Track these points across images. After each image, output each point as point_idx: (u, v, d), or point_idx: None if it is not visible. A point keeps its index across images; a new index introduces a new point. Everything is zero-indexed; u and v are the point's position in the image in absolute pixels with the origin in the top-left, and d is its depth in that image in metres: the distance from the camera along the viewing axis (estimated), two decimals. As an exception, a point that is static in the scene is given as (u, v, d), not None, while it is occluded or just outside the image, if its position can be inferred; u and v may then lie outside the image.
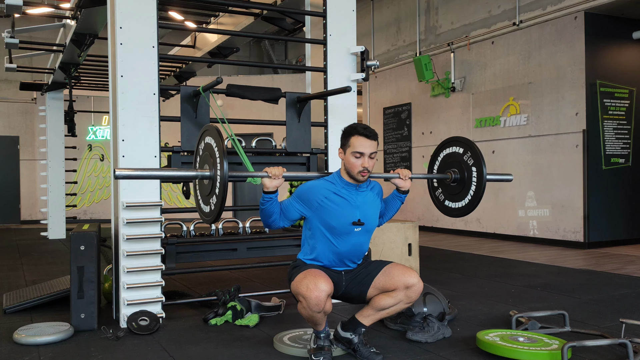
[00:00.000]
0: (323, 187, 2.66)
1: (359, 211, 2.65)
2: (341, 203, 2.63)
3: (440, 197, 3.23)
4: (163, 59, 3.96)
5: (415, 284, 2.58)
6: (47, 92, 8.70)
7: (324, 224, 2.63)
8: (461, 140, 3.14)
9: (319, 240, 2.66)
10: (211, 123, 2.52)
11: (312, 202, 2.64)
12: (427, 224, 9.36)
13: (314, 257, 2.69)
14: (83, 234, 3.30)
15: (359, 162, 2.58)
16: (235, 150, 3.26)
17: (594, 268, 5.41)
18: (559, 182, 7.12)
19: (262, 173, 2.51)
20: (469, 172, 3.03)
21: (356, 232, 2.65)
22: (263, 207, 2.58)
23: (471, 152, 3.03)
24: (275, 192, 2.57)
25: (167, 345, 2.98)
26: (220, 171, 2.34)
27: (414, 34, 9.58)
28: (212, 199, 2.45)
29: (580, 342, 2.58)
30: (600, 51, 6.95)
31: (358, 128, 2.60)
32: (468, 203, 3.05)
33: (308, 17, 4.39)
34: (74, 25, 5.76)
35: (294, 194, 2.71)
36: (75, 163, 10.42)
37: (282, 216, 2.65)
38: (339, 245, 2.65)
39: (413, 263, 5.06)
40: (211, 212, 2.47)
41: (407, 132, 9.78)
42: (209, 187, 2.48)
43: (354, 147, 2.58)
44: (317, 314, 2.49)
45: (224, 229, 4.62)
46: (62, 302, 3.79)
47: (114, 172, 2.37)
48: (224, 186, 2.33)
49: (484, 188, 2.97)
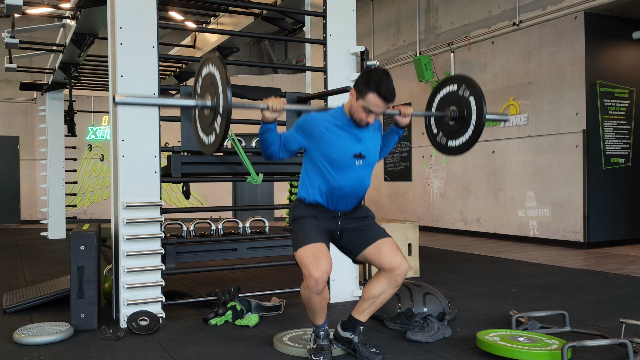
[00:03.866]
0: (325, 120, 2.61)
1: (360, 144, 2.61)
2: (343, 135, 2.58)
3: (441, 140, 3.24)
4: (163, 59, 3.96)
5: (399, 266, 2.57)
6: (47, 92, 8.70)
7: (324, 156, 2.58)
8: (460, 77, 3.14)
9: (319, 174, 2.60)
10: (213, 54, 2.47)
11: (313, 133, 2.58)
12: (427, 224, 9.36)
13: (313, 193, 2.62)
14: (83, 234, 3.30)
15: (366, 116, 2.53)
16: (235, 150, 3.26)
17: (594, 268, 5.41)
18: (559, 182, 7.12)
19: (262, 105, 2.46)
20: (468, 109, 3.04)
21: (357, 166, 2.60)
22: (262, 138, 2.54)
23: (470, 88, 3.03)
24: (274, 123, 2.53)
25: (167, 345, 2.99)
26: (223, 100, 2.29)
27: (414, 34, 9.58)
28: (213, 129, 2.39)
29: (580, 342, 2.58)
30: (600, 51, 6.95)
31: (380, 88, 2.44)
32: (467, 140, 3.07)
33: (308, 17, 4.39)
34: (74, 25, 5.77)
35: (295, 124, 2.65)
36: (75, 163, 10.43)
37: (282, 147, 2.61)
38: (340, 179, 2.58)
39: (413, 263, 5.07)
40: (213, 143, 2.43)
41: (407, 132, 9.78)
42: (210, 118, 2.43)
43: (368, 103, 2.49)
44: (315, 295, 2.49)
45: (224, 229, 4.63)
46: (62, 302, 3.79)
47: (114, 98, 2.33)
48: (227, 116, 2.28)
49: (483, 124, 2.99)
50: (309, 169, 2.66)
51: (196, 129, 2.61)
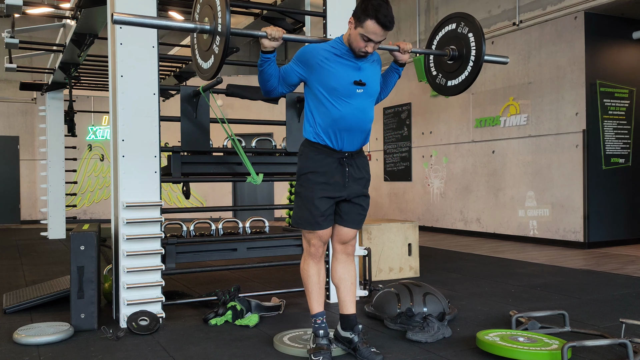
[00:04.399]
0: (323, 49, 2.59)
1: (360, 73, 2.59)
2: (342, 63, 2.57)
3: (441, 81, 3.24)
4: (163, 59, 3.96)
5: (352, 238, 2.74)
6: (47, 92, 8.71)
7: (324, 86, 2.56)
8: (459, 15, 3.12)
9: (321, 107, 2.58)
10: None
11: (311, 63, 2.57)
12: (427, 224, 9.36)
13: (317, 130, 2.61)
14: (83, 234, 3.30)
15: (364, 45, 2.51)
16: (235, 150, 3.26)
17: (594, 268, 5.41)
18: (559, 182, 7.12)
19: (261, 32, 2.44)
20: (467, 47, 3.03)
21: (358, 94, 2.58)
22: (261, 69, 2.53)
23: (469, 25, 3.03)
24: (274, 52, 2.52)
25: (167, 345, 2.99)
26: (222, 24, 2.27)
27: (414, 34, 9.58)
28: (212, 52, 2.38)
29: (580, 342, 2.58)
30: (600, 51, 6.95)
31: (379, 14, 2.41)
32: (467, 77, 3.07)
33: (308, 17, 4.39)
34: (74, 25, 5.76)
35: (294, 57, 2.63)
36: (75, 163, 10.43)
37: (282, 81, 2.61)
38: (342, 109, 2.55)
39: (413, 263, 5.07)
40: (211, 66, 2.42)
41: (407, 132, 9.78)
42: (208, 41, 2.41)
43: (366, 30, 2.45)
44: (314, 265, 2.65)
45: (224, 229, 4.63)
46: (62, 302, 3.79)
47: (112, 16, 2.32)
48: (225, 40, 2.26)
49: (482, 60, 2.99)
50: (311, 104, 2.65)
51: (194, 56, 2.59)
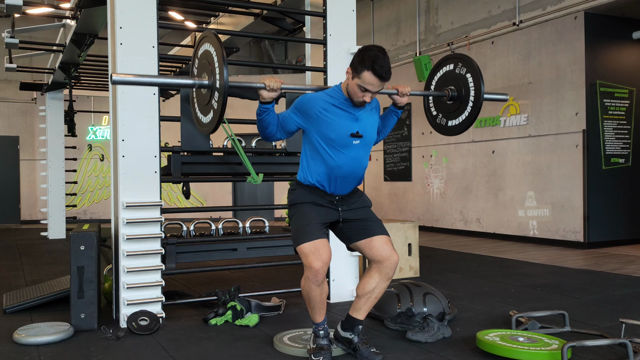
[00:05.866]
0: (321, 99, 2.60)
1: (358, 124, 2.61)
2: (340, 115, 2.58)
3: (441, 122, 3.26)
4: (163, 59, 3.96)
5: (388, 258, 2.58)
6: (47, 92, 8.70)
7: (322, 136, 2.58)
8: (456, 56, 3.14)
9: (317, 155, 2.61)
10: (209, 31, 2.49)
11: (310, 113, 2.58)
12: (427, 224, 9.36)
13: (312, 175, 2.62)
14: (83, 234, 3.30)
15: (362, 94, 2.53)
16: (235, 150, 3.26)
17: (594, 268, 5.41)
18: (558, 182, 7.12)
19: (260, 84, 2.46)
20: (466, 88, 3.05)
21: (355, 145, 2.60)
22: (260, 118, 2.55)
23: (466, 66, 3.04)
24: (272, 103, 2.53)
25: (167, 345, 2.99)
26: (219, 79, 2.30)
27: (414, 34, 9.58)
28: (211, 108, 2.40)
29: (580, 342, 2.58)
30: (600, 51, 6.95)
31: (375, 65, 2.42)
32: (466, 118, 3.09)
33: (308, 17, 4.39)
34: (74, 25, 5.77)
35: (292, 105, 2.65)
36: (75, 163, 10.43)
37: (280, 128, 2.62)
38: (337, 159, 2.58)
39: (413, 263, 5.07)
40: (211, 121, 2.43)
41: (407, 132, 9.78)
42: (207, 96, 2.43)
43: (363, 81, 2.48)
44: (315, 287, 2.51)
45: (224, 229, 4.63)
46: (62, 302, 3.79)
47: (111, 77, 2.34)
48: (224, 96, 2.29)
49: (482, 101, 3.01)
50: (307, 150, 2.66)
51: (194, 109, 2.62)
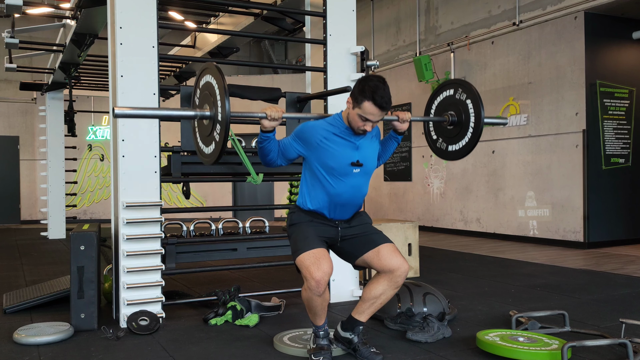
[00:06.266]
0: (322, 128, 2.62)
1: (358, 152, 2.63)
2: (340, 143, 2.60)
3: (442, 146, 3.28)
4: (163, 59, 3.95)
5: (399, 267, 2.56)
6: (47, 92, 8.70)
7: (322, 164, 2.60)
8: (456, 81, 3.16)
9: (317, 182, 2.63)
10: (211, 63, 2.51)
11: (310, 141, 2.60)
12: (427, 224, 9.36)
13: (311, 202, 2.64)
14: (83, 234, 3.30)
15: (362, 124, 2.54)
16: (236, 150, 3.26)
17: (594, 268, 5.41)
18: (559, 182, 7.12)
19: (261, 114, 2.48)
20: (466, 113, 3.06)
21: (355, 174, 2.62)
22: (261, 146, 2.56)
23: (466, 92, 3.07)
24: (273, 131, 2.55)
25: (167, 345, 2.99)
26: (221, 110, 2.32)
27: (414, 34, 9.58)
28: (213, 139, 2.42)
29: (580, 342, 2.58)
30: (600, 51, 6.94)
31: (376, 96, 2.47)
32: (467, 144, 3.12)
33: (308, 17, 4.39)
34: (74, 25, 5.76)
35: (293, 132, 2.66)
36: (75, 163, 10.43)
37: (280, 155, 2.63)
38: (337, 187, 2.60)
39: (413, 263, 5.07)
40: (212, 152, 2.45)
41: (407, 132, 9.76)
42: (209, 127, 2.45)
43: (363, 111, 2.50)
44: (316, 297, 2.49)
45: (224, 229, 4.63)
46: (62, 302, 3.79)
47: (113, 111, 2.36)
48: (225, 126, 2.30)
49: (482, 127, 3.04)
50: (307, 177, 2.69)
51: (196, 140, 2.63)
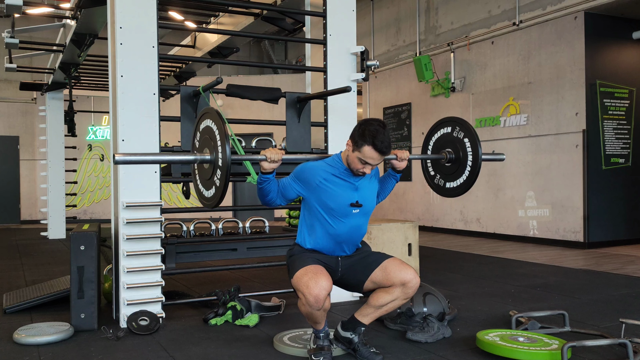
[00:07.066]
0: (322, 169, 2.64)
1: (357, 193, 2.65)
2: (340, 184, 2.62)
3: (439, 182, 3.28)
4: (163, 59, 3.96)
5: (411, 280, 2.56)
6: (47, 92, 8.70)
7: (321, 205, 2.62)
8: (453, 119, 3.19)
9: (317, 222, 2.65)
10: (210, 108, 2.52)
11: (310, 182, 2.62)
12: (427, 224, 9.36)
13: (311, 241, 2.67)
14: (83, 234, 3.30)
15: (362, 167, 2.57)
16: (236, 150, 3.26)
17: (594, 268, 5.41)
18: (559, 182, 7.12)
19: (261, 157, 2.50)
20: (463, 151, 3.08)
21: (354, 214, 2.64)
22: (260, 187, 2.57)
23: (464, 130, 3.09)
24: (273, 173, 2.56)
25: (167, 345, 2.99)
26: (222, 155, 2.33)
27: (414, 34, 9.58)
28: (213, 184, 2.44)
29: (580, 342, 2.58)
30: (600, 51, 6.94)
31: (376, 141, 2.47)
32: (465, 182, 3.12)
33: (308, 17, 4.39)
34: (74, 25, 5.76)
35: (292, 173, 2.68)
36: (75, 163, 10.42)
37: (280, 195, 2.64)
38: (337, 227, 2.63)
39: (413, 263, 5.06)
40: (213, 196, 2.46)
41: (407, 132, 9.78)
42: (209, 171, 2.47)
43: (363, 155, 2.52)
44: (316, 311, 2.49)
45: (224, 229, 4.63)
46: (62, 302, 3.79)
47: (114, 157, 2.37)
48: (226, 170, 2.31)
49: (479, 166, 3.04)
50: (306, 217, 2.70)
51: (196, 183, 2.64)
